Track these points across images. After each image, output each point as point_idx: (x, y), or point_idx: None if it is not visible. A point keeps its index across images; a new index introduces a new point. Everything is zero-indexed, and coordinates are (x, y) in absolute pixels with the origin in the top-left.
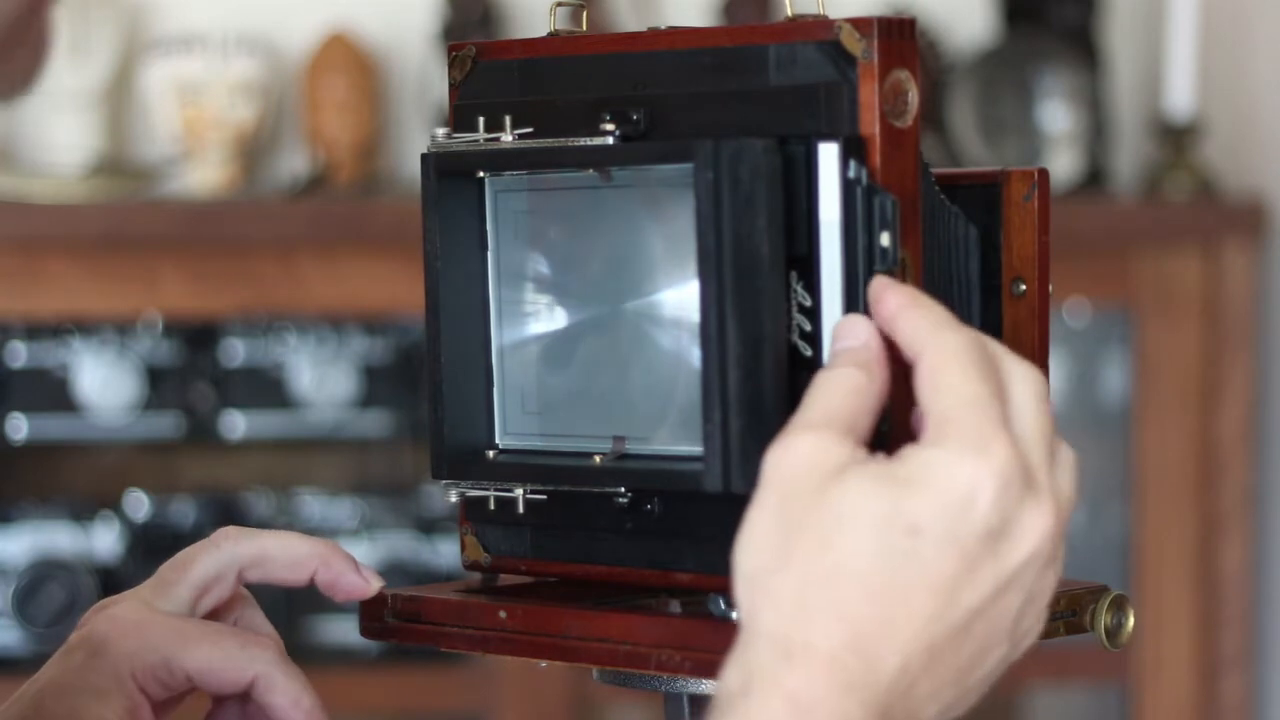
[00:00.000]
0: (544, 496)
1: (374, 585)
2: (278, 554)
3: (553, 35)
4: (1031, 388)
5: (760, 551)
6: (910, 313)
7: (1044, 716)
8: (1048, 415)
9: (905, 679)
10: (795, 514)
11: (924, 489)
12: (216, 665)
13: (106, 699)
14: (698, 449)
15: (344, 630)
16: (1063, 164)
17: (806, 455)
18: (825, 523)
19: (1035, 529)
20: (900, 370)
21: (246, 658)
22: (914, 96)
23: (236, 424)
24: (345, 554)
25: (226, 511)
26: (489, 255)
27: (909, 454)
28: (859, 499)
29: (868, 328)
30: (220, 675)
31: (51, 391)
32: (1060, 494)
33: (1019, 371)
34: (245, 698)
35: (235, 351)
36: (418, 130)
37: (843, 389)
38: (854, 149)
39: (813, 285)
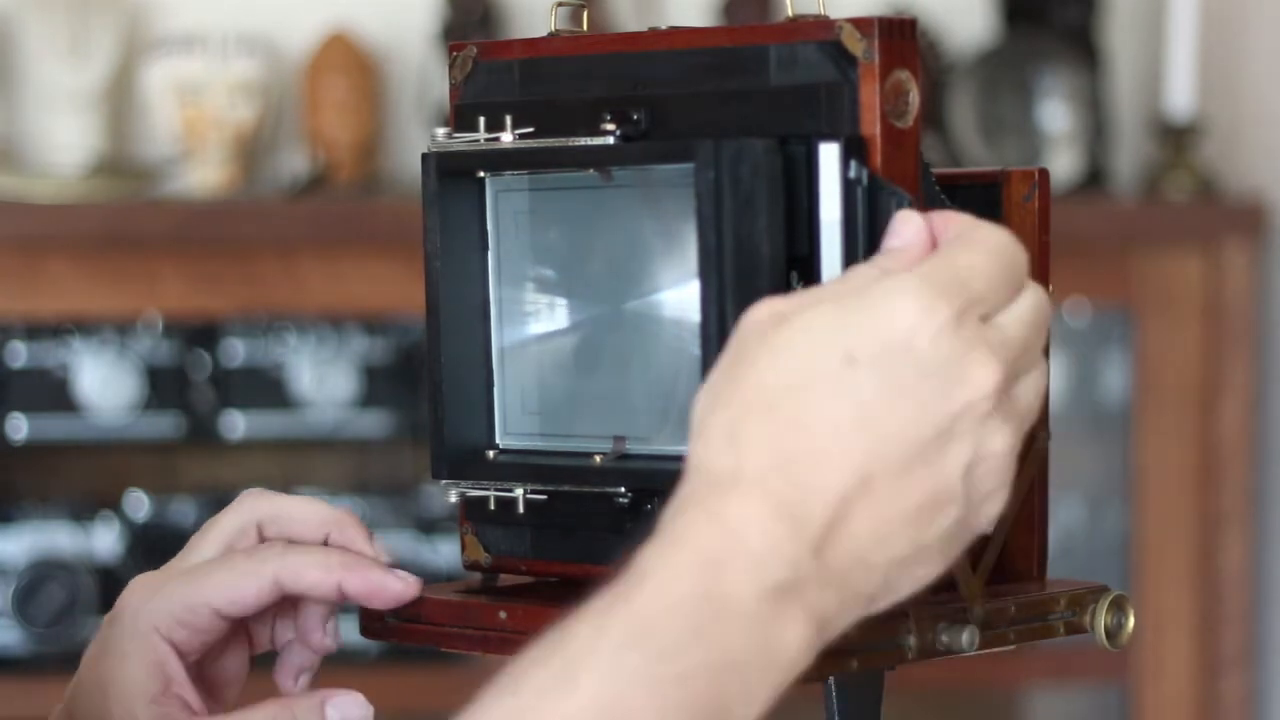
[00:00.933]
0: (544, 496)
1: (384, 558)
2: (296, 512)
3: (553, 35)
4: (1037, 301)
5: (703, 399)
6: (964, 216)
7: (1044, 716)
8: (1037, 329)
9: (840, 511)
10: (740, 356)
11: (867, 311)
12: (230, 584)
13: (129, 659)
14: None
15: (344, 630)
16: (1063, 164)
17: (768, 308)
18: (764, 357)
19: (976, 378)
20: None
21: (256, 561)
22: (915, 96)
23: (236, 424)
24: (360, 523)
25: None
26: (489, 255)
27: (861, 269)
28: (800, 326)
29: (917, 229)
30: (240, 592)
31: (51, 391)
32: (1020, 400)
33: (1034, 287)
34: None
35: (235, 351)
36: (418, 130)
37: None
38: (855, 149)
39: (813, 285)
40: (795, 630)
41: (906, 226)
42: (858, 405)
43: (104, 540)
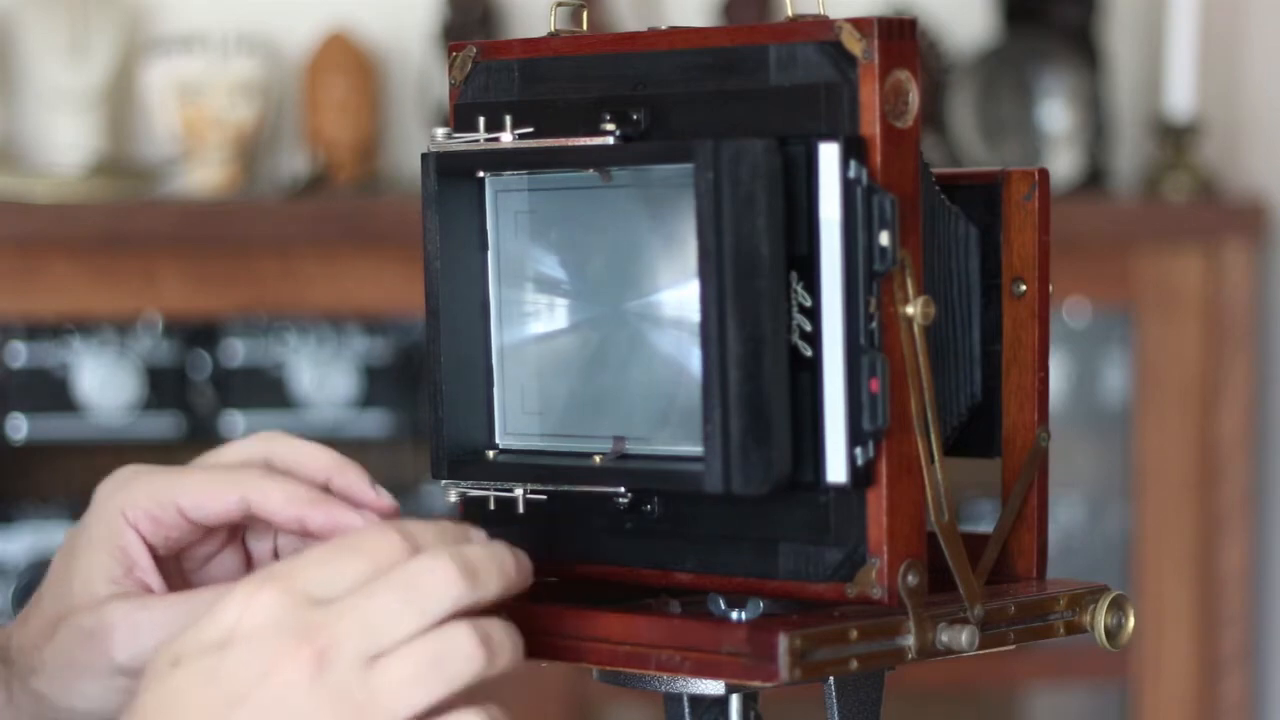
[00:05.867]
0: (544, 496)
1: (386, 501)
2: (303, 454)
3: (553, 35)
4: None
5: None
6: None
7: (1044, 716)
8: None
9: None
10: None
11: (196, 624)
12: (201, 489)
13: (95, 543)
14: (698, 449)
15: None
16: (1063, 164)
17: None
18: None
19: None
20: (899, 365)
21: (233, 476)
22: (914, 97)
23: (236, 424)
24: (361, 471)
25: None
26: (489, 255)
27: None
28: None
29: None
30: (207, 499)
31: (51, 391)
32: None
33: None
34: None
35: (235, 351)
36: (418, 130)
37: None
38: (854, 149)
39: (813, 285)
40: None
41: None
42: (164, 690)
43: None
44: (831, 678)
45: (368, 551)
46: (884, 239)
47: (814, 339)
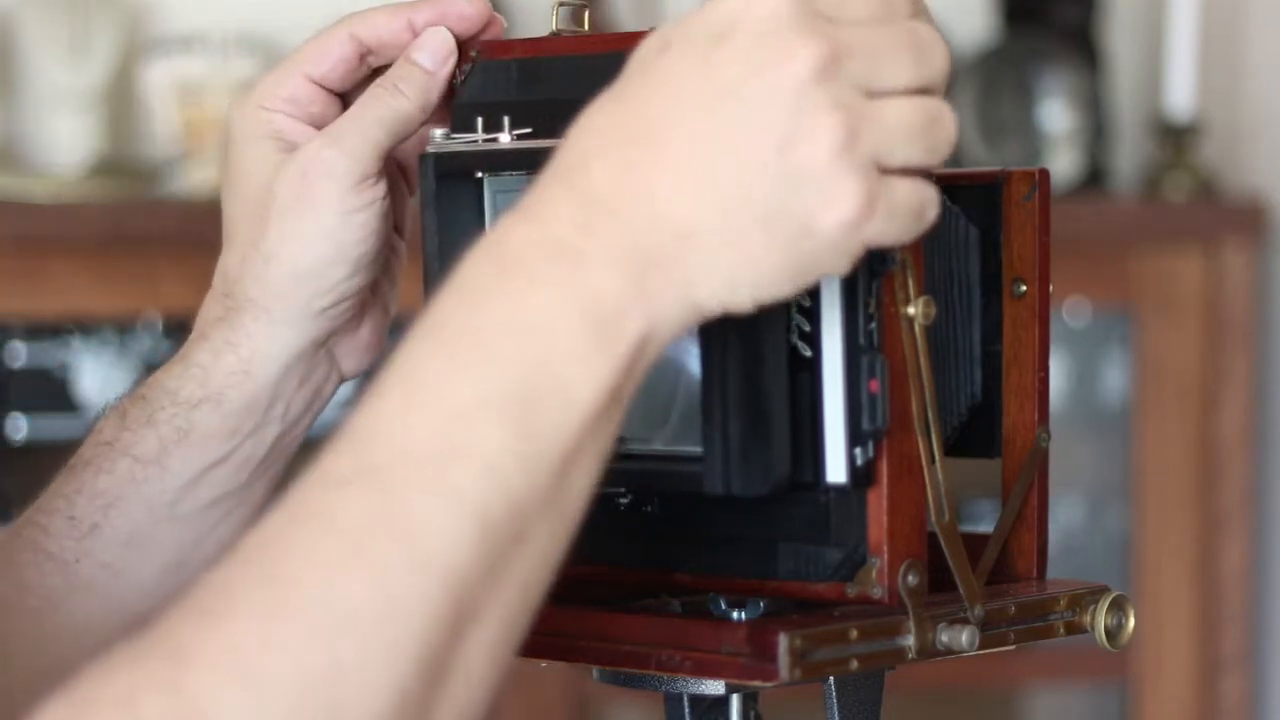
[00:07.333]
0: None
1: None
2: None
3: (554, 35)
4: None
5: None
6: None
7: (1044, 716)
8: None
9: (601, 150)
10: None
11: (692, 13)
12: (312, 49)
13: (249, 145)
14: (698, 449)
15: None
16: (1063, 164)
17: None
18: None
19: (789, 50)
20: (899, 365)
21: (332, 27)
22: None
23: None
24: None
25: None
26: None
27: None
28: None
29: None
30: (325, 54)
31: (51, 391)
32: (876, 108)
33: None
34: None
35: None
36: None
37: None
38: None
39: (812, 285)
40: (598, 277)
41: None
42: (651, 70)
43: None
44: (831, 678)
45: None
46: None
47: (813, 339)
